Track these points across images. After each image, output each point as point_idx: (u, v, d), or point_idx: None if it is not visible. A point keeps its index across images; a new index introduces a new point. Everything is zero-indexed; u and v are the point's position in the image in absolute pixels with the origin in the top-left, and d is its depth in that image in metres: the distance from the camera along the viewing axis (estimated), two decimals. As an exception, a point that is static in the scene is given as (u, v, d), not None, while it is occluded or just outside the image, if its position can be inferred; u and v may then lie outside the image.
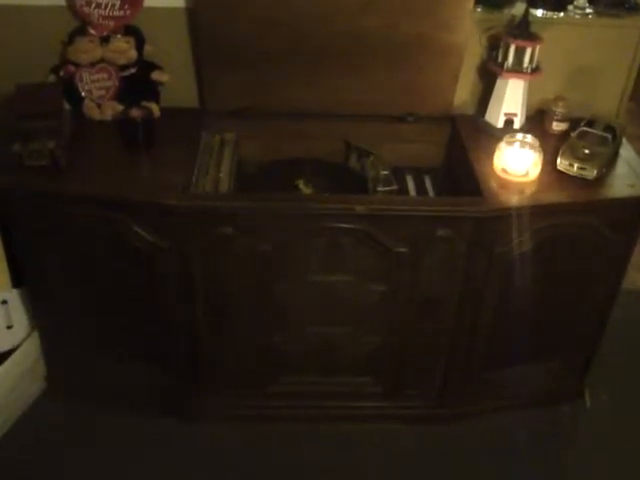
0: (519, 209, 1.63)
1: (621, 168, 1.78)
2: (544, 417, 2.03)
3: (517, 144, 1.71)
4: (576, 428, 2.03)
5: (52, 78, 1.81)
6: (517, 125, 1.86)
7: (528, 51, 1.77)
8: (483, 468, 1.90)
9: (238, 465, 1.88)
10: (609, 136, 1.75)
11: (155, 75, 1.84)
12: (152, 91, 1.86)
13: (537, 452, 1.94)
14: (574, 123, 1.83)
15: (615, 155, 1.79)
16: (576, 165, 1.70)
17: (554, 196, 1.66)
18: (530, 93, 1.86)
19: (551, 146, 1.79)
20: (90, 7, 1.76)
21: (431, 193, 1.89)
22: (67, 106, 1.80)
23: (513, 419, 2.01)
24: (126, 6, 1.77)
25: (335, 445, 1.93)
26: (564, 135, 1.84)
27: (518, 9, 1.83)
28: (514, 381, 2.00)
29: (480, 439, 1.96)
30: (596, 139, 1.74)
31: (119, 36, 1.80)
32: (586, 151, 1.71)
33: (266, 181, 1.86)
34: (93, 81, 1.82)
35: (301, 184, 1.85)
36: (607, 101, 1.98)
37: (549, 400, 2.05)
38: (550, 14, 1.85)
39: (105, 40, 1.80)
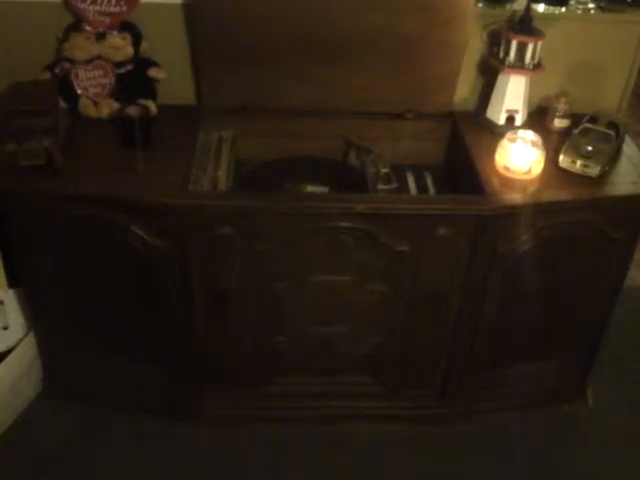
0: (522, 207, 1.62)
1: (624, 165, 1.77)
2: (546, 417, 2.02)
3: (519, 141, 1.69)
4: (578, 428, 2.02)
5: (47, 75, 1.79)
6: (519, 122, 1.84)
7: (530, 47, 1.75)
8: (484, 468, 1.89)
9: (238, 465, 1.87)
10: (612, 133, 1.73)
11: (152, 72, 1.82)
12: (149, 88, 1.84)
13: (539, 452, 1.94)
14: (576, 120, 1.82)
15: (618, 152, 1.78)
16: (579, 162, 1.69)
17: (557, 194, 1.65)
18: (531, 89, 1.84)
19: (553, 143, 1.78)
20: (85, 3, 1.74)
21: (432, 191, 1.88)
22: (63, 104, 1.78)
23: (514, 419, 2.00)
24: (122, 2, 1.75)
25: (335, 445, 1.92)
26: (566, 132, 1.82)
27: (519, 4, 1.81)
28: (515, 380, 1.99)
29: (481, 439, 1.95)
30: (599, 136, 1.73)
31: (115, 32, 1.78)
32: (589, 148, 1.70)
33: (265, 179, 1.84)
34: (89, 78, 1.80)
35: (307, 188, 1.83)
36: (609, 97, 1.96)
37: (551, 400, 2.04)
38: (552, 9, 1.84)
39: (101, 36, 1.77)
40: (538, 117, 1.90)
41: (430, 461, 1.90)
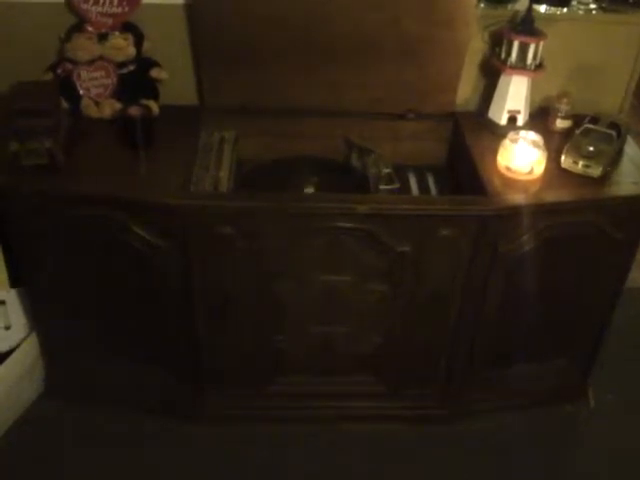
0: (523, 208, 1.62)
1: (625, 165, 1.77)
2: (547, 417, 2.02)
3: (521, 141, 1.69)
4: (579, 428, 2.01)
5: (49, 76, 1.79)
6: (520, 122, 1.84)
7: (532, 47, 1.75)
8: (485, 469, 1.89)
9: (238, 465, 1.87)
10: (613, 133, 1.73)
11: (154, 72, 1.83)
12: (151, 89, 1.84)
13: (539, 452, 1.93)
14: (578, 120, 1.81)
15: (620, 152, 1.78)
16: (581, 163, 1.69)
17: (558, 194, 1.65)
18: (533, 90, 1.84)
19: (555, 144, 1.78)
20: (88, 4, 1.74)
21: (433, 191, 1.88)
22: (65, 104, 1.78)
23: (515, 419, 2.00)
24: (124, 3, 1.75)
25: (335, 445, 1.92)
26: (568, 132, 1.82)
27: (521, 4, 1.82)
28: (516, 381, 1.99)
29: (482, 439, 1.95)
30: (600, 136, 1.72)
31: (117, 33, 1.78)
32: (590, 148, 1.69)
33: (266, 180, 1.84)
34: (91, 79, 1.80)
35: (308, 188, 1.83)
36: (611, 98, 1.96)
37: (552, 400, 2.04)
38: (553, 10, 1.84)
39: (103, 37, 1.77)
40: (540, 118, 1.89)
41: (430, 461, 1.90)
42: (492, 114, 1.87)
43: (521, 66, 1.78)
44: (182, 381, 1.90)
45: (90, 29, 1.77)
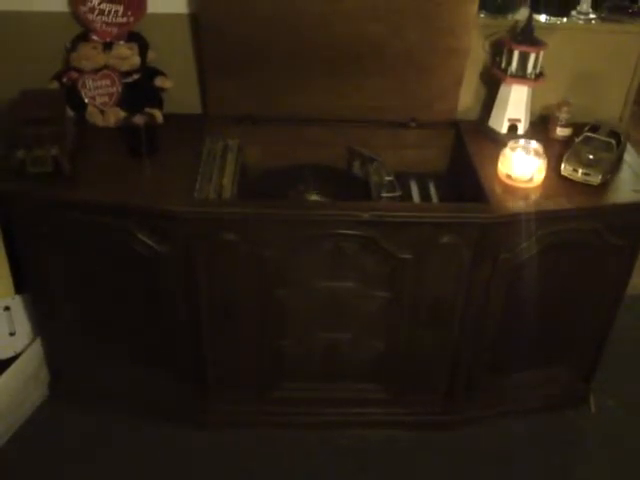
0: (524, 215, 1.63)
1: (625, 173, 1.78)
2: (549, 423, 2.02)
3: (521, 150, 1.70)
4: (581, 434, 2.02)
5: (55, 84, 1.81)
6: (521, 131, 1.86)
7: (532, 56, 1.77)
8: (485, 475, 1.89)
9: (239, 470, 1.87)
10: (613, 141, 1.74)
11: (158, 81, 1.84)
12: (155, 97, 1.86)
13: (540, 458, 1.94)
14: (578, 128, 1.83)
15: (619, 160, 1.79)
16: (580, 171, 1.70)
17: (559, 202, 1.66)
18: (533, 98, 1.85)
19: (555, 152, 1.79)
20: (93, 14, 1.76)
21: (435, 199, 1.89)
22: (70, 113, 1.80)
23: (517, 425, 2.00)
24: (129, 12, 1.77)
25: (337, 451, 1.92)
26: (568, 141, 1.84)
27: (522, 14, 1.84)
28: (518, 387, 1.99)
29: (484, 445, 1.95)
30: (600, 144, 1.74)
31: (122, 42, 1.80)
32: (590, 157, 1.71)
33: (269, 187, 1.86)
34: (96, 87, 1.82)
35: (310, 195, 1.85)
36: (611, 106, 1.98)
37: (554, 406, 2.05)
38: (554, 19, 1.86)
39: (108, 46, 1.80)
40: (540, 126, 1.91)
41: (431, 468, 1.90)
42: (493, 122, 1.89)
43: (521, 75, 1.80)
44: (184, 386, 1.91)
45: (95, 38, 1.79)
